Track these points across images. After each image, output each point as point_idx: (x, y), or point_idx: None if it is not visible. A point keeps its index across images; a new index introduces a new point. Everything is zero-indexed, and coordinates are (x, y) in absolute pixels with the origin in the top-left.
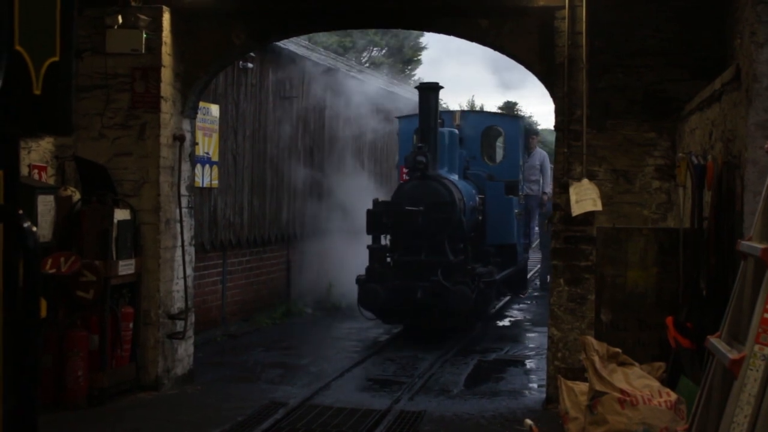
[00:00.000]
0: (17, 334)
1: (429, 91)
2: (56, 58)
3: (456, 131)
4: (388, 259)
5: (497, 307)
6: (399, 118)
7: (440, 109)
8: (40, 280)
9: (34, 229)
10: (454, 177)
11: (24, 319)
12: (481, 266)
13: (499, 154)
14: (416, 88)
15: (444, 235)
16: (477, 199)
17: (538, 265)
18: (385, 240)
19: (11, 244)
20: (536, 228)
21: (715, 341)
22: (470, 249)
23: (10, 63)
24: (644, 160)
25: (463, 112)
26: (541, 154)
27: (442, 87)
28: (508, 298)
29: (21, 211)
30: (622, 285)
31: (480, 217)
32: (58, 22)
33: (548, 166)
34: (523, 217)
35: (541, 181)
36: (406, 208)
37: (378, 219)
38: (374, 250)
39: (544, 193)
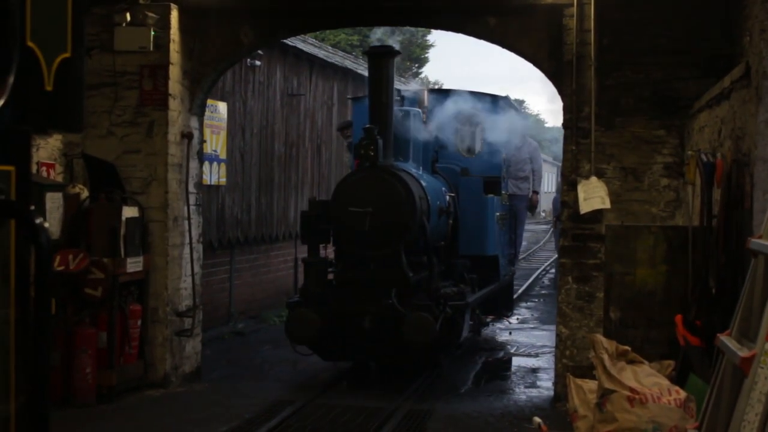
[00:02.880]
0: (29, 331)
1: (380, 58)
2: (68, 55)
3: (419, 111)
4: (331, 276)
5: (472, 334)
6: (352, 99)
7: (402, 86)
8: (52, 276)
9: (46, 225)
10: (416, 170)
11: (35, 316)
12: (451, 285)
13: (478, 143)
14: (365, 53)
15: (400, 245)
16: (447, 198)
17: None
18: (324, 251)
19: (23, 241)
20: (522, 235)
21: (726, 339)
22: (436, 263)
23: (22, 59)
24: (653, 158)
25: (431, 90)
26: (530, 145)
27: (398, 53)
28: (489, 321)
29: (33, 208)
30: (631, 283)
31: (450, 221)
32: (69, 17)
33: (539, 161)
34: (507, 222)
35: (531, 178)
36: (350, 209)
37: (314, 224)
38: (311, 265)
39: (535, 192)
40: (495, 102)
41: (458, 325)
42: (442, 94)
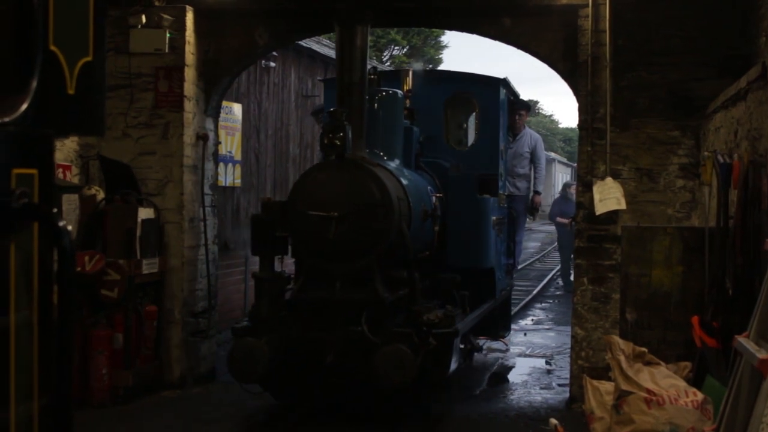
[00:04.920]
0: (52, 332)
1: (349, 27)
2: (89, 58)
3: (401, 93)
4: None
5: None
6: (324, 81)
7: (381, 66)
8: (75, 278)
9: (69, 228)
10: (395, 164)
11: (59, 318)
12: (437, 305)
13: (471, 134)
14: (332, 21)
15: (372, 258)
16: (432, 199)
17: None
18: (281, 265)
19: (45, 243)
20: (522, 243)
21: (743, 341)
22: (418, 278)
23: (44, 63)
24: (668, 159)
25: (416, 71)
26: (532, 137)
27: (371, 15)
28: (483, 344)
29: (55, 210)
30: (647, 284)
31: (437, 228)
32: (91, 21)
33: (542, 155)
34: (505, 228)
35: (532, 175)
36: (310, 213)
37: (268, 231)
38: (262, 282)
39: (536, 192)
40: (492, 85)
41: (444, 357)
42: (429, 74)
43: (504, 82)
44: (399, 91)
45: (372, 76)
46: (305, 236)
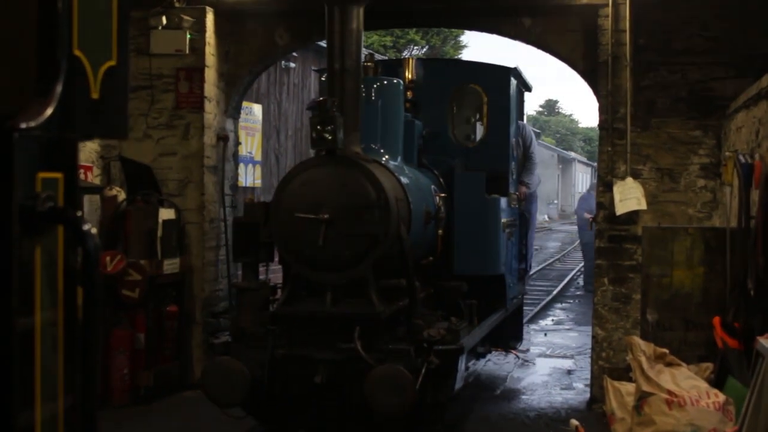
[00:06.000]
0: (77, 334)
1: (343, 6)
2: (113, 62)
3: (400, 82)
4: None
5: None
6: (319, 71)
7: (377, 53)
8: (100, 281)
9: (94, 231)
10: (394, 161)
11: (84, 319)
12: (440, 317)
13: (479, 128)
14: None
15: (367, 266)
16: (436, 200)
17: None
18: (267, 274)
19: (70, 246)
20: (533, 243)
21: (765, 342)
22: (419, 288)
23: (69, 67)
24: (689, 159)
25: (419, 60)
26: (524, 129)
27: (365, 1)
28: (490, 354)
29: (80, 213)
30: (668, 285)
31: (440, 231)
32: (115, 26)
33: (534, 144)
34: (516, 230)
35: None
36: (297, 215)
37: (252, 235)
38: (244, 293)
39: (522, 183)
40: (501, 74)
41: (448, 376)
42: (433, 63)
43: (515, 72)
44: (399, 80)
45: (368, 64)
46: (291, 241)
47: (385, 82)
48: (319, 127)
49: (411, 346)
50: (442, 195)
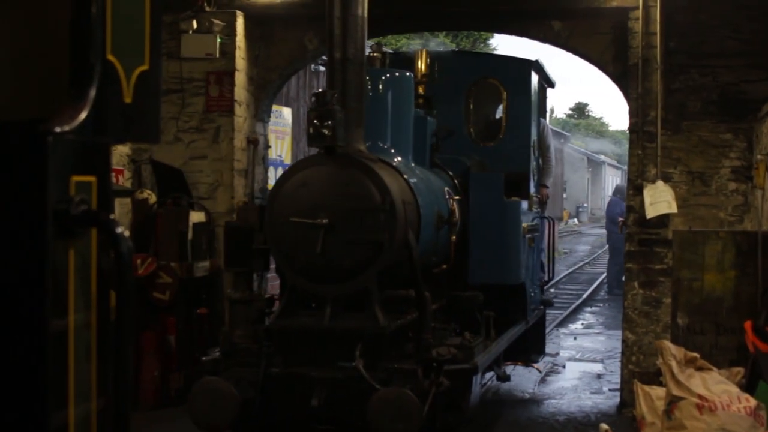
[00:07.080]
0: (109, 334)
1: None
2: (146, 67)
3: (410, 75)
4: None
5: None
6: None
7: (387, 45)
8: (133, 283)
9: (126, 234)
10: (403, 160)
11: (117, 321)
12: (453, 331)
13: (497, 126)
14: None
15: (370, 276)
16: (450, 202)
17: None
18: (260, 285)
19: (103, 249)
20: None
21: None
22: (430, 299)
23: (102, 72)
24: (720, 162)
25: (433, 52)
26: (543, 128)
27: None
28: (512, 371)
29: (113, 217)
30: (699, 289)
31: (454, 237)
32: (147, 31)
33: (550, 144)
34: (538, 236)
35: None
36: (293, 220)
37: (245, 242)
38: (237, 305)
39: (543, 186)
40: (522, 68)
41: (460, 398)
42: (448, 56)
43: (536, 65)
44: (409, 73)
45: (375, 54)
46: (287, 249)
47: (396, 74)
48: (316, 121)
49: (419, 366)
50: (457, 197)
